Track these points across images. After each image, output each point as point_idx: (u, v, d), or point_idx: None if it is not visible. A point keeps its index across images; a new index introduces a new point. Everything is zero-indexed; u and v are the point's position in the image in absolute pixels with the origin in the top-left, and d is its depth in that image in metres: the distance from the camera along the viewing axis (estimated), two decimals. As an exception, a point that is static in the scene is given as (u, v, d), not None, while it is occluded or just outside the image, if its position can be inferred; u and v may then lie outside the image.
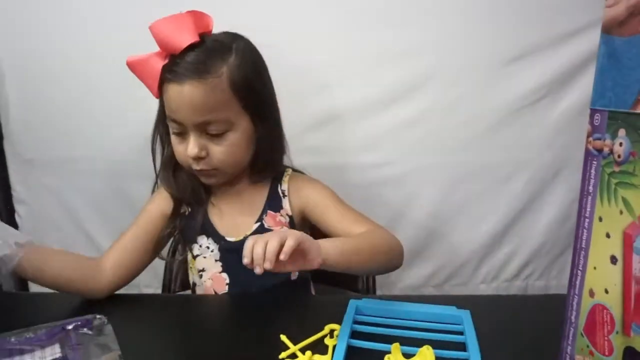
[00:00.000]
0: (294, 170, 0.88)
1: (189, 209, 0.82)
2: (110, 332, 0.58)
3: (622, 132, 0.40)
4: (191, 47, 0.70)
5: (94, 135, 1.12)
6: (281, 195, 0.83)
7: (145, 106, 1.09)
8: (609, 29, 0.42)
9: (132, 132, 1.11)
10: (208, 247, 0.80)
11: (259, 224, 0.80)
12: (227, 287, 0.79)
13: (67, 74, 1.09)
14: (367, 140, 1.12)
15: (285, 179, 0.84)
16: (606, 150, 0.42)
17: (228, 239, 0.80)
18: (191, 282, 0.85)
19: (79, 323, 0.60)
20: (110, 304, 0.72)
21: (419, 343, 0.56)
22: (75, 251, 1.24)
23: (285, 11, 1.05)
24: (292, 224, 0.82)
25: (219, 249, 0.80)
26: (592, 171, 0.43)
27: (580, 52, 1.07)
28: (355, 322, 0.62)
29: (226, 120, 0.72)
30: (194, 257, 0.81)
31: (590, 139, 0.43)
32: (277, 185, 0.83)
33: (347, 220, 0.79)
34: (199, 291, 0.83)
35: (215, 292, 0.80)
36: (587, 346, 0.45)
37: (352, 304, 0.65)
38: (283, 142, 0.84)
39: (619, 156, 0.40)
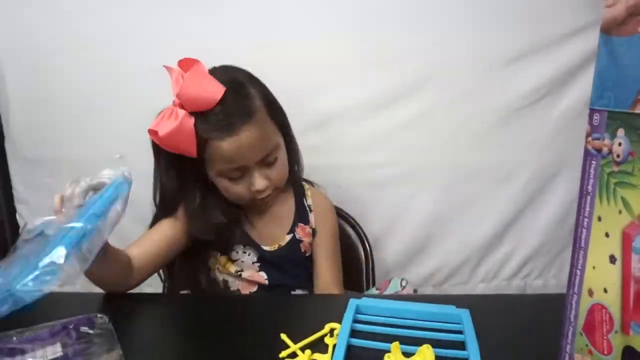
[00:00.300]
0: (307, 181, 0.94)
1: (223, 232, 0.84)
2: (112, 331, 0.58)
3: (621, 132, 0.40)
4: (221, 102, 0.71)
5: (95, 135, 1.13)
6: (308, 209, 0.91)
7: (145, 105, 1.10)
8: (608, 29, 0.42)
9: (132, 132, 1.11)
10: (245, 252, 0.85)
11: (291, 235, 0.88)
12: (266, 281, 0.86)
13: (67, 74, 1.09)
14: (366, 140, 1.12)
15: (309, 193, 0.92)
16: (605, 150, 0.42)
17: (264, 247, 0.86)
18: (220, 280, 0.87)
19: (80, 322, 0.60)
20: (112, 303, 0.72)
21: (419, 342, 0.56)
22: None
23: (285, 12, 1.05)
24: (313, 236, 0.90)
25: (257, 256, 0.85)
26: (591, 171, 0.43)
27: (580, 52, 1.08)
28: (355, 321, 0.62)
29: (276, 145, 0.78)
30: (232, 261, 0.85)
31: (590, 138, 0.44)
32: (303, 200, 0.91)
33: (329, 276, 0.89)
34: (232, 287, 0.87)
35: (257, 284, 0.86)
36: (586, 345, 0.45)
37: (352, 303, 0.65)
38: (300, 152, 0.90)
39: (618, 156, 0.41)
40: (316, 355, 0.57)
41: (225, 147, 0.72)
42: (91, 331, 0.59)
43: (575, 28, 1.07)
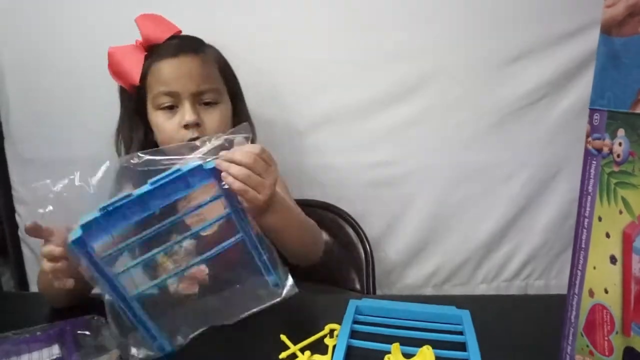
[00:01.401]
0: None
1: None
2: (108, 333, 0.58)
3: (621, 132, 0.40)
4: (173, 37, 0.79)
5: (95, 135, 1.12)
6: None
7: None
8: (608, 29, 0.42)
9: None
10: (181, 247, 0.75)
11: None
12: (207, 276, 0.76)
13: (67, 74, 1.09)
14: (367, 140, 1.12)
15: None
16: (605, 150, 0.42)
17: (203, 233, 0.76)
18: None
19: (77, 324, 0.60)
20: (104, 304, 0.72)
21: (419, 343, 0.56)
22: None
23: (286, 12, 1.05)
24: None
25: (193, 244, 0.76)
26: (592, 171, 0.43)
27: (580, 52, 1.07)
28: (355, 322, 0.62)
29: (217, 91, 0.79)
30: (169, 256, 0.79)
31: (590, 138, 0.43)
32: None
33: None
34: (171, 289, 0.77)
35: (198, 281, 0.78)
36: (587, 346, 0.45)
37: (352, 304, 0.65)
38: (254, 131, 0.84)
39: (618, 156, 0.40)
40: (316, 356, 0.57)
41: (163, 66, 0.76)
42: (88, 333, 0.59)
43: (575, 28, 1.06)
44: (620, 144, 0.40)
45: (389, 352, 0.55)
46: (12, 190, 1.19)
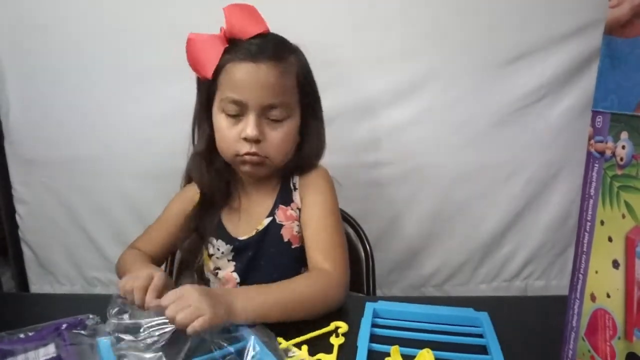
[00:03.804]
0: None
1: (207, 208, 0.81)
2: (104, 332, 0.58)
3: (624, 135, 0.40)
4: (259, 36, 0.71)
5: (94, 135, 1.12)
6: (292, 188, 0.80)
7: (145, 106, 1.10)
8: (611, 30, 0.41)
9: (132, 132, 1.11)
10: (219, 249, 0.79)
11: (270, 218, 0.77)
12: (237, 285, 0.78)
13: (67, 74, 1.09)
14: (367, 140, 1.12)
15: (298, 172, 0.81)
16: (608, 153, 0.41)
17: (240, 238, 0.78)
18: (208, 280, 0.83)
19: (73, 323, 0.60)
20: (103, 303, 0.71)
21: (438, 346, 0.55)
22: (76, 250, 1.25)
23: (286, 12, 1.04)
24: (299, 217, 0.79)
25: (232, 250, 0.79)
26: (594, 174, 0.43)
27: (580, 52, 1.07)
28: (373, 325, 0.61)
29: (288, 106, 0.73)
30: (209, 256, 0.80)
31: (592, 141, 0.43)
32: (290, 180, 0.80)
33: (321, 256, 0.73)
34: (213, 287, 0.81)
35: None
36: (589, 351, 0.44)
37: (369, 306, 0.64)
38: (324, 145, 0.81)
39: (621, 159, 0.40)
40: (321, 355, 0.56)
41: (238, 70, 0.69)
42: (83, 332, 0.58)
43: (575, 28, 1.06)
44: (623, 147, 0.40)
45: (410, 356, 0.54)
46: (12, 190, 1.18)
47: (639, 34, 0.39)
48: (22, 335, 0.57)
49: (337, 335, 0.60)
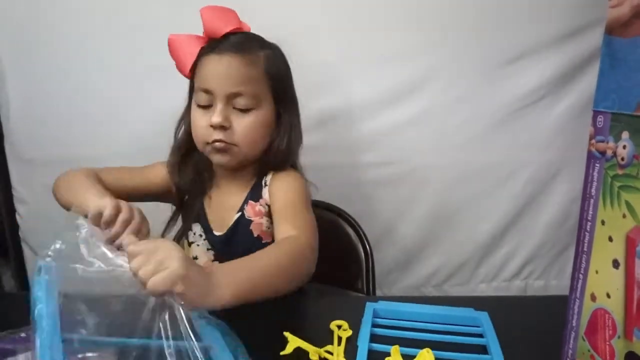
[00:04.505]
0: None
1: (187, 197, 0.84)
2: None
3: (625, 135, 0.40)
4: (232, 33, 0.76)
5: (95, 134, 1.12)
6: (263, 184, 0.81)
7: (145, 105, 1.10)
8: (612, 30, 0.41)
9: (132, 132, 1.11)
10: (201, 236, 0.82)
11: (239, 214, 0.79)
12: None
13: (67, 73, 1.09)
14: (367, 140, 1.12)
15: (272, 169, 0.81)
16: (609, 152, 0.41)
17: (216, 234, 0.81)
18: None
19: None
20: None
21: (439, 346, 0.55)
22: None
23: (286, 11, 1.04)
24: (270, 214, 0.79)
25: (209, 242, 0.81)
26: (595, 174, 0.43)
27: (580, 52, 1.07)
28: (374, 325, 0.61)
29: (255, 95, 0.75)
30: (189, 244, 0.82)
31: (593, 141, 0.43)
32: (263, 177, 0.81)
33: (281, 221, 0.73)
34: None
35: None
36: (588, 350, 0.44)
37: (369, 306, 0.64)
38: (299, 141, 0.82)
39: (622, 159, 0.40)
40: (328, 346, 0.57)
41: (207, 62, 0.74)
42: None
43: (575, 28, 1.06)
44: (624, 147, 0.40)
45: (410, 356, 0.54)
46: (12, 190, 1.18)
47: (639, 33, 0.39)
48: (23, 334, 0.57)
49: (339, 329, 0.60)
